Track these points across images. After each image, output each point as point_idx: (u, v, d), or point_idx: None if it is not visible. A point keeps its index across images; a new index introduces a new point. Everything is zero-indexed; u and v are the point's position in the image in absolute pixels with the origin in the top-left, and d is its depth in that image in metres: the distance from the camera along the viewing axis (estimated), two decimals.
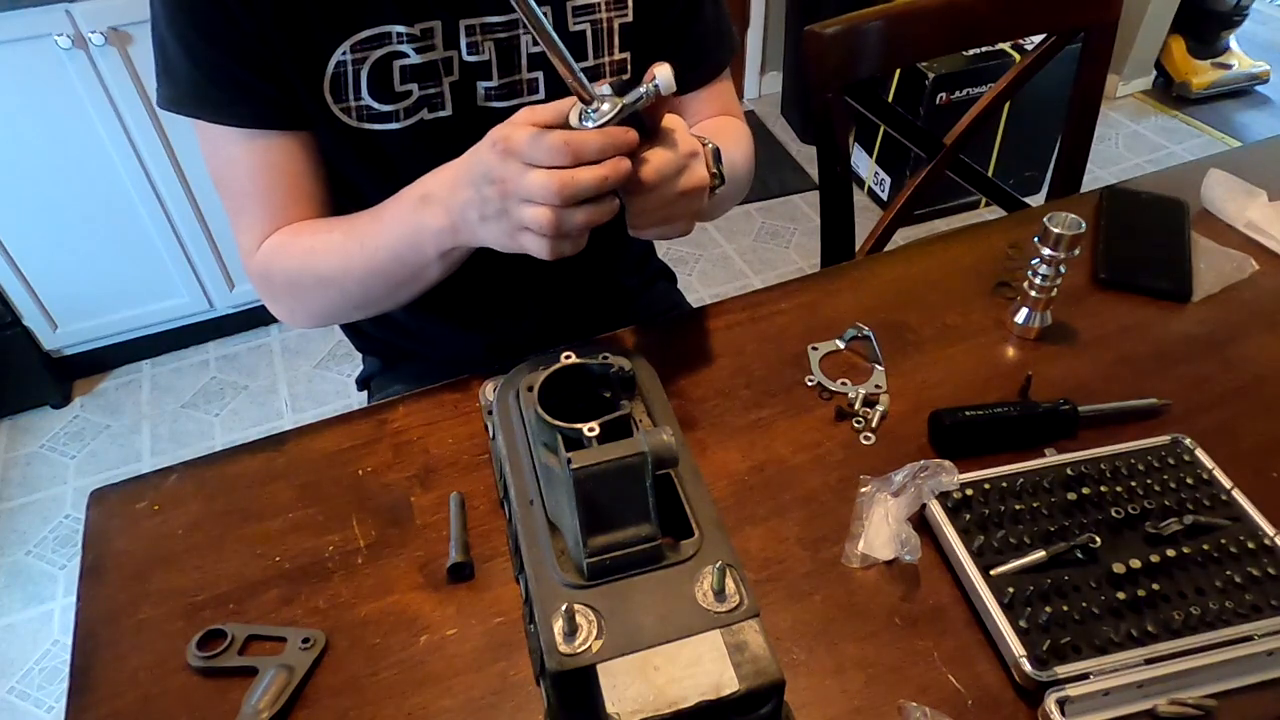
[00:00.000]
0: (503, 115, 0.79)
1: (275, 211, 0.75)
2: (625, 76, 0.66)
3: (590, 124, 0.57)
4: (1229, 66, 2.94)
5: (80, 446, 1.98)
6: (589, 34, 0.79)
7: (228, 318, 2.17)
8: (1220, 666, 0.56)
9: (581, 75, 0.56)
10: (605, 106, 0.57)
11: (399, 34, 0.71)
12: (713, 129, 0.86)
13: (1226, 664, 0.56)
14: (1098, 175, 2.63)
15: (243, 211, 0.77)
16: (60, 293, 1.91)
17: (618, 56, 0.82)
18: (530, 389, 0.55)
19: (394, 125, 0.74)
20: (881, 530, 0.63)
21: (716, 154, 0.71)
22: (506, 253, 0.64)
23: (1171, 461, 0.68)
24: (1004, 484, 0.66)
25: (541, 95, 0.80)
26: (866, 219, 1.33)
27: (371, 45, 0.71)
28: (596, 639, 0.44)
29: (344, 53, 0.70)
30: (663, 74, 0.56)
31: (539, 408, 0.53)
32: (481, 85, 0.76)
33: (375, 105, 0.73)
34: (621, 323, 0.85)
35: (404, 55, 0.72)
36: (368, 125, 0.74)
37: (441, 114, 0.76)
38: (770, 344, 0.82)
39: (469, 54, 0.75)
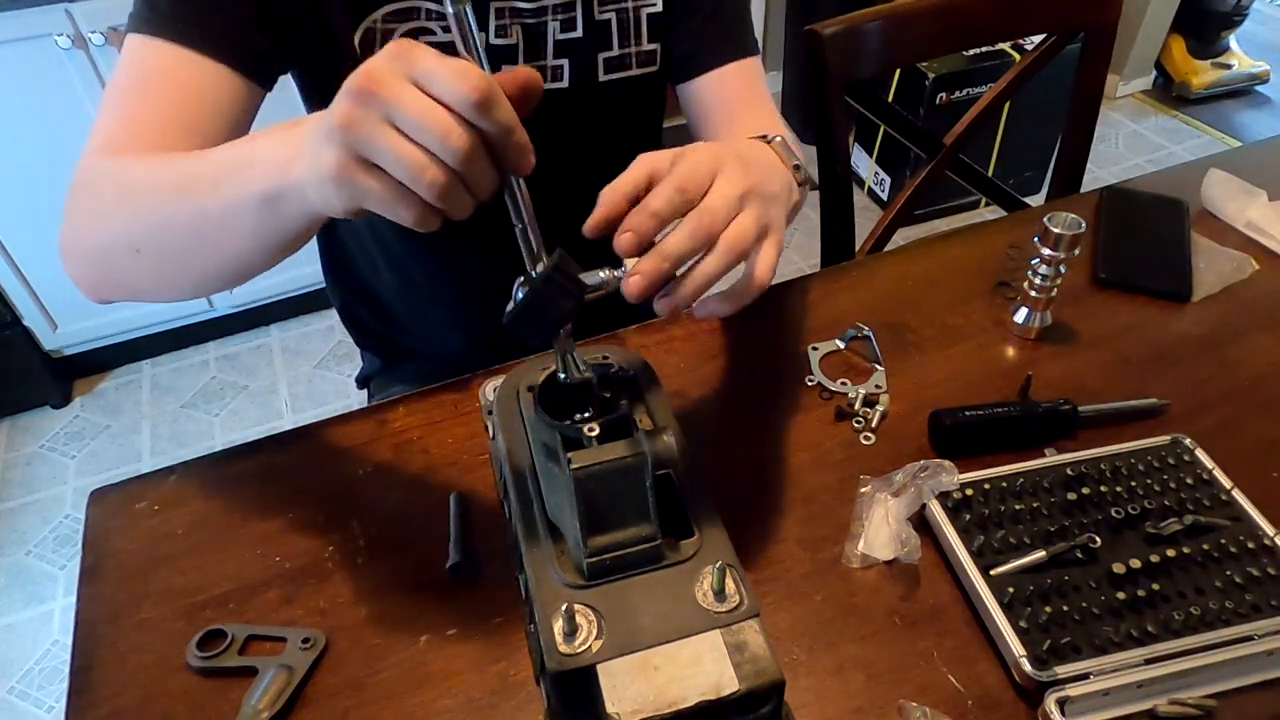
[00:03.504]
0: None
1: (162, 128, 0.63)
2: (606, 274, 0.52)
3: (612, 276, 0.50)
4: (1229, 66, 2.95)
5: (80, 446, 1.98)
6: (614, 23, 0.79)
7: (228, 318, 2.17)
8: (1220, 666, 0.56)
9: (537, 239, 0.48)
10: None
11: (428, 11, 0.72)
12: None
13: (1226, 664, 0.56)
14: (1098, 175, 2.63)
15: (121, 112, 0.64)
16: (60, 293, 1.91)
17: (646, 47, 0.81)
18: (530, 389, 0.55)
19: None
20: (881, 530, 0.63)
21: (785, 146, 0.63)
22: (340, 214, 0.46)
23: (1171, 461, 0.68)
24: (1004, 484, 0.66)
25: (565, 83, 0.79)
26: (866, 219, 1.33)
27: (401, 18, 0.71)
28: (596, 639, 0.44)
29: (375, 20, 0.71)
30: (628, 285, 0.49)
31: (539, 408, 0.53)
32: (506, 69, 0.77)
33: None
34: (622, 323, 0.85)
35: (431, 33, 0.72)
36: None
37: None
38: (770, 344, 0.82)
39: (496, 37, 0.75)
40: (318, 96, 0.79)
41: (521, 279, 0.48)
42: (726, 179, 0.51)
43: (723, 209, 0.50)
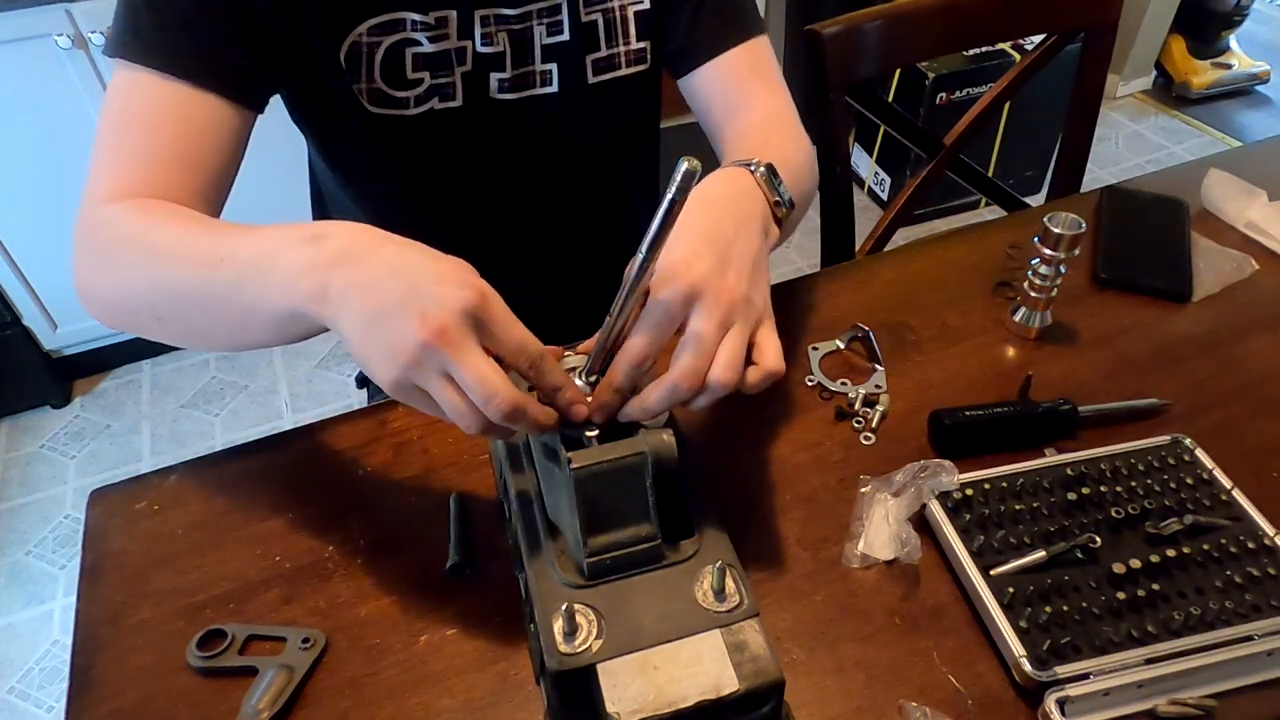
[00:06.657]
0: (512, 108, 0.79)
1: (165, 166, 0.63)
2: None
3: (586, 385, 0.53)
4: (1229, 66, 2.95)
5: (80, 446, 1.98)
6: (600, 23, 0.78)
7: None
8: (1220, 666, 0.56)
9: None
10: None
11: (413, 21, 0.71)
12: (760, 139, 0.76)
13: (1226, 664, 0.56)
14: (1098, 175, 2.63)
15: (121, 150, 0.64)
16: (60, 293, 1.91)
17: (635, 46, 0.81)
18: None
19: (405, 112, 0.75)
20: (881, 530, 0.63)
21: (770, 173, 0.62)
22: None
23: (1171, 461, 0.68)
24: (1004, 484, 0.66)
25: (554, 88, 0.79)
26: (866, 219, 1.33)
27: (385, 30, 0.71)
28: (596, 639, 0.44)
29: (360, 34, 0.71)
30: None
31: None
32: (494, 77, 0.76)
33: (387, 90, 0.73)
34: None
35: (417, 43, 0.72)
36: (380, 110, 0.74)
37: (452, 104, 0.76)
38: None
39: (482, 45, 0.75)
40: (306, 115, 0.79)
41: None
42: (704, 311, 0.51)
43: (697, 365, 0.51)
